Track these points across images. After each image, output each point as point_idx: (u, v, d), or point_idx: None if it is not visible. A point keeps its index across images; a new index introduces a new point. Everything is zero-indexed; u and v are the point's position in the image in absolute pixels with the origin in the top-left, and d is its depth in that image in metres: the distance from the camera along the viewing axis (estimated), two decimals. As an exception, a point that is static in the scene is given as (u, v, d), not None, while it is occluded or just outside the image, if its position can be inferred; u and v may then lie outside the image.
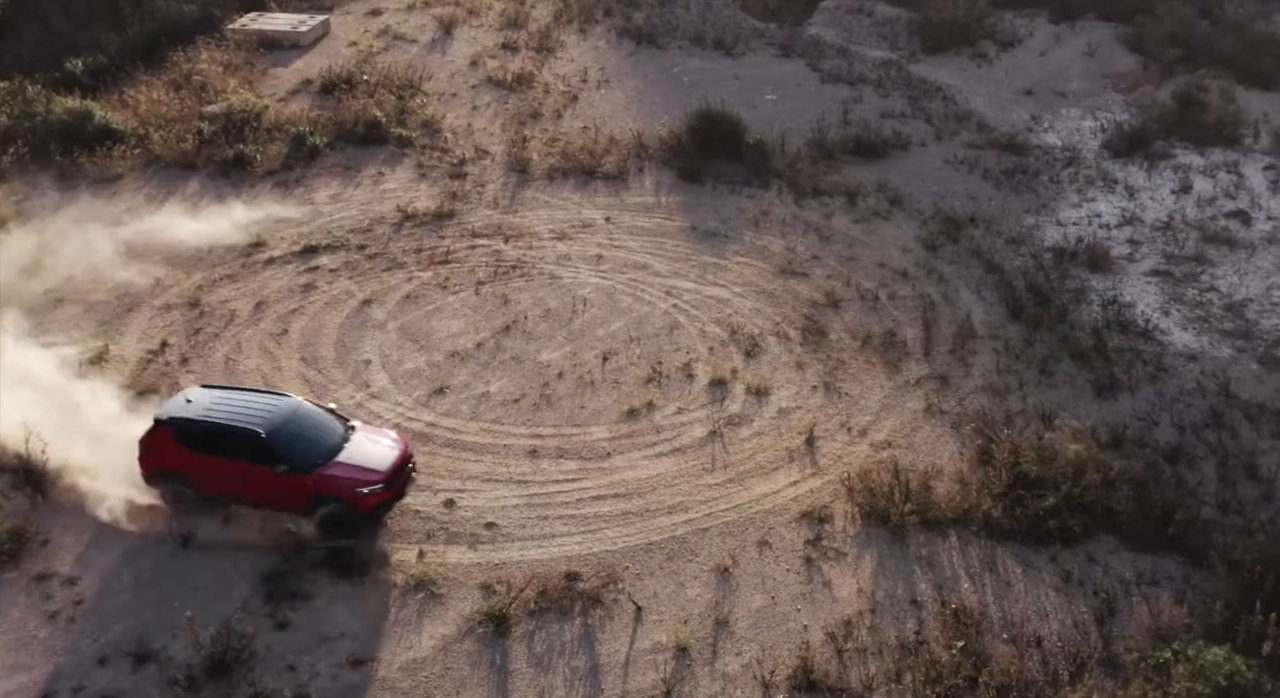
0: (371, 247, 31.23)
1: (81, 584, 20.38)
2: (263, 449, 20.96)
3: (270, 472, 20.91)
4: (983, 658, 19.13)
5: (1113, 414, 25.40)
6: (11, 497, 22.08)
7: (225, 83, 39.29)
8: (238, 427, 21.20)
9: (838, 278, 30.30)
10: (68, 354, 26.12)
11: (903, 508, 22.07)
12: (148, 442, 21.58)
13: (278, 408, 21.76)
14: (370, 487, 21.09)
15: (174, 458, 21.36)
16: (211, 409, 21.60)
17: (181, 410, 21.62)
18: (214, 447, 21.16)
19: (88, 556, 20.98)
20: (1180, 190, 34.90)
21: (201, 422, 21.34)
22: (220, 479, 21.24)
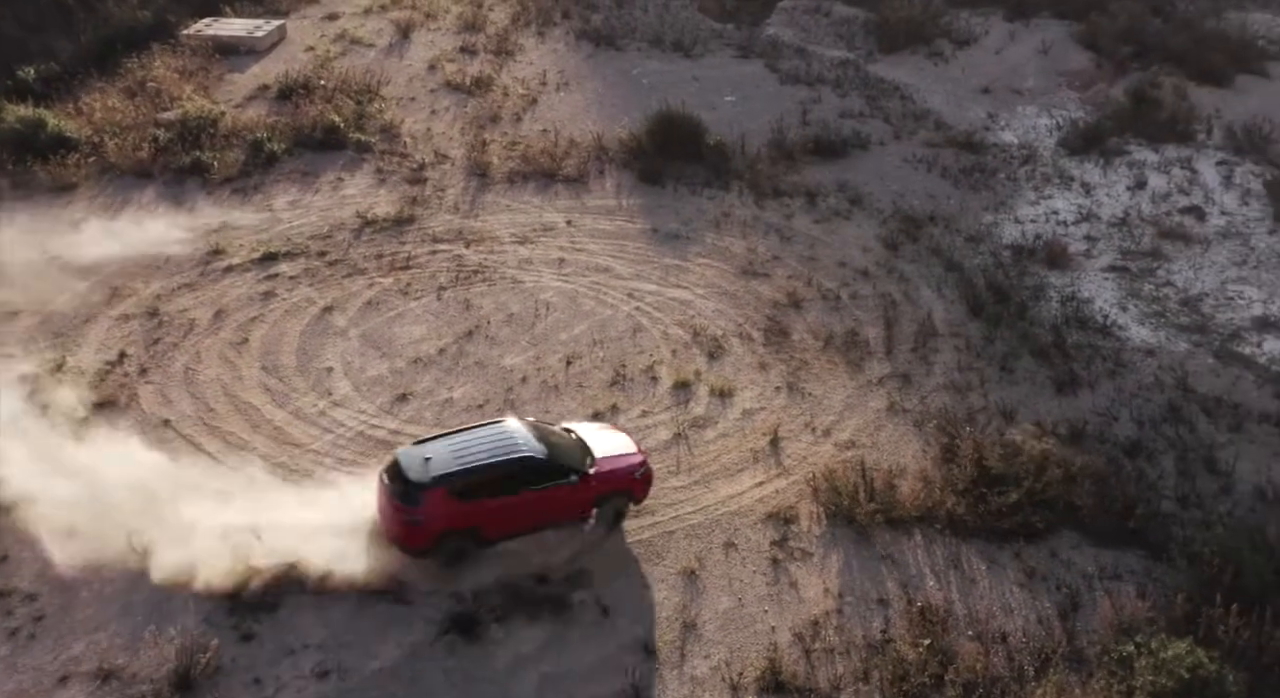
0: (332, 253, 31.04)
1: (42, 600, 20.14)
2: (548, 469, 20.75)
3: (560, 489, 20.78)
4: (949, 655, 19.28)
5: (1073, 410, 25.64)
6: (-33, 513, 21.78)
7: (181, 89, 38.93)
8: (512, 459, 20.70)
9: (799, 278, 30.41)
10: (24, 369, 25.83)
11: (868, 507, 22.18)
12: (421, 510, 20.23)
13: (518, 430, 21.33)
14: (639, 470, 21.72)
15: (462, 515, 20.41)
16: (462, 456, 20.72)
17: (443, 467, 20.47)
18: (496, 489, 20.52)
19: (47, 572, 20.72)
20: (1135, 187, 35.26)
21: (474, 469, 20.53)
22: (506, 519, 20.64)
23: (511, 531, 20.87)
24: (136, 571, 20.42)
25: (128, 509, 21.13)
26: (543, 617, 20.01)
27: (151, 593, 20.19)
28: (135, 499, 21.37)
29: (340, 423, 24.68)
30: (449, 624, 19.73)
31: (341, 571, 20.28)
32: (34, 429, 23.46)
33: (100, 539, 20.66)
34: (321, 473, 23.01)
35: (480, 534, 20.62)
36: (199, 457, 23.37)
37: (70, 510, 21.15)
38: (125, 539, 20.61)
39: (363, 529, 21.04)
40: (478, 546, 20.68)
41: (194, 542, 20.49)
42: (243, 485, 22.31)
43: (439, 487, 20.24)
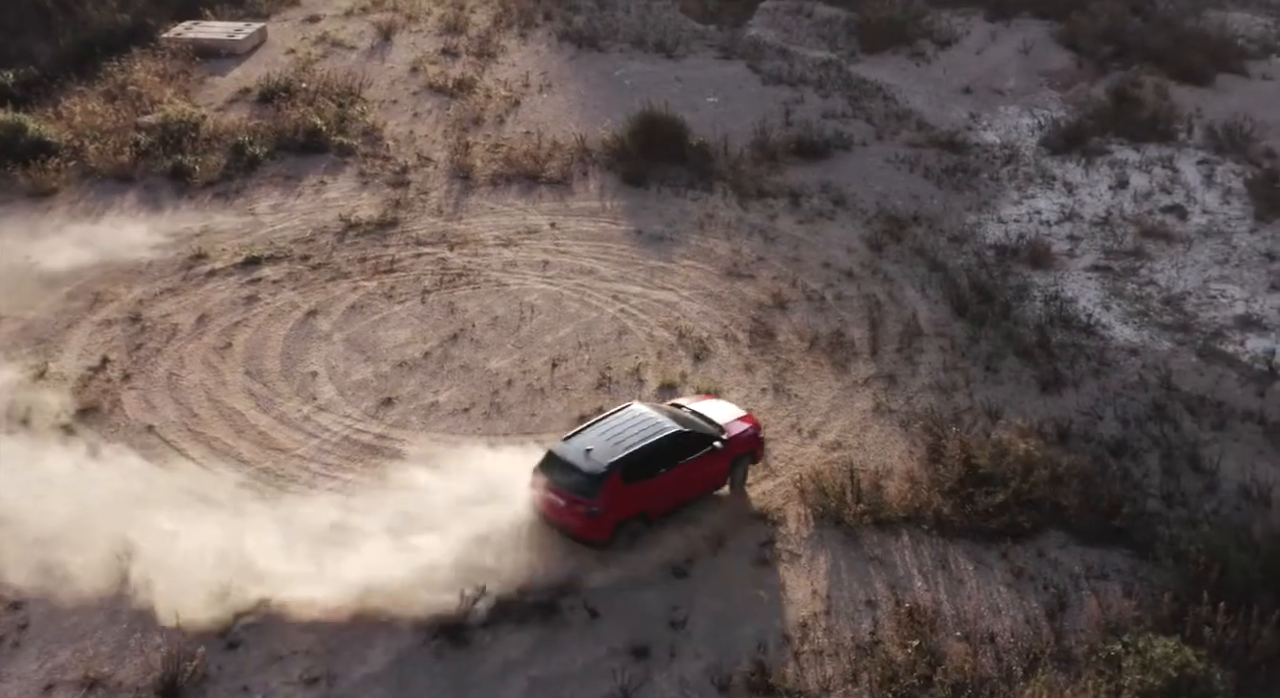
0: (315, 257, 30.93)
1: (26, 609, 20.00)
2: (695, 440, 21.77)
3: (705, 459, 21.77)
4: (937, 656, 19.29)
5: (1058, 409, 25.71)
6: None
7: (162, 93, 38.74)
8: (665, 436, 21.46)
9: (784, 279, 30.42)
10: (6, 376, 25.67)
11: (855, 508, 22.19)
12: (599, 500, 20.52)
13: (651, 411, 22.32)
14: (758, 431, 23.01)
15: (633, 499, 20.97)
16: (620, 442, 21.23)
17: (610, 455, 20.91)
18: (655, 468, 21.18)
19: (33, 578, 20.54)
20: (1117, 186, 35.40)
21: (638, 452, 21.09)
22: (666, 496, 21.54)
23: (671, 506, 21.72)
24: (122, 580, 20.26)
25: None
26: (531, 621, 19.95)
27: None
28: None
29: (325, 428, 24.59)
30: (437, 630, 19.64)
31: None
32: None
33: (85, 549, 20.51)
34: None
35: (648, 516, 21.38)
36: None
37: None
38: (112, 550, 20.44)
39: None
40: (646, 526, 21.39)
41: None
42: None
43: (613, 473, 20.73)
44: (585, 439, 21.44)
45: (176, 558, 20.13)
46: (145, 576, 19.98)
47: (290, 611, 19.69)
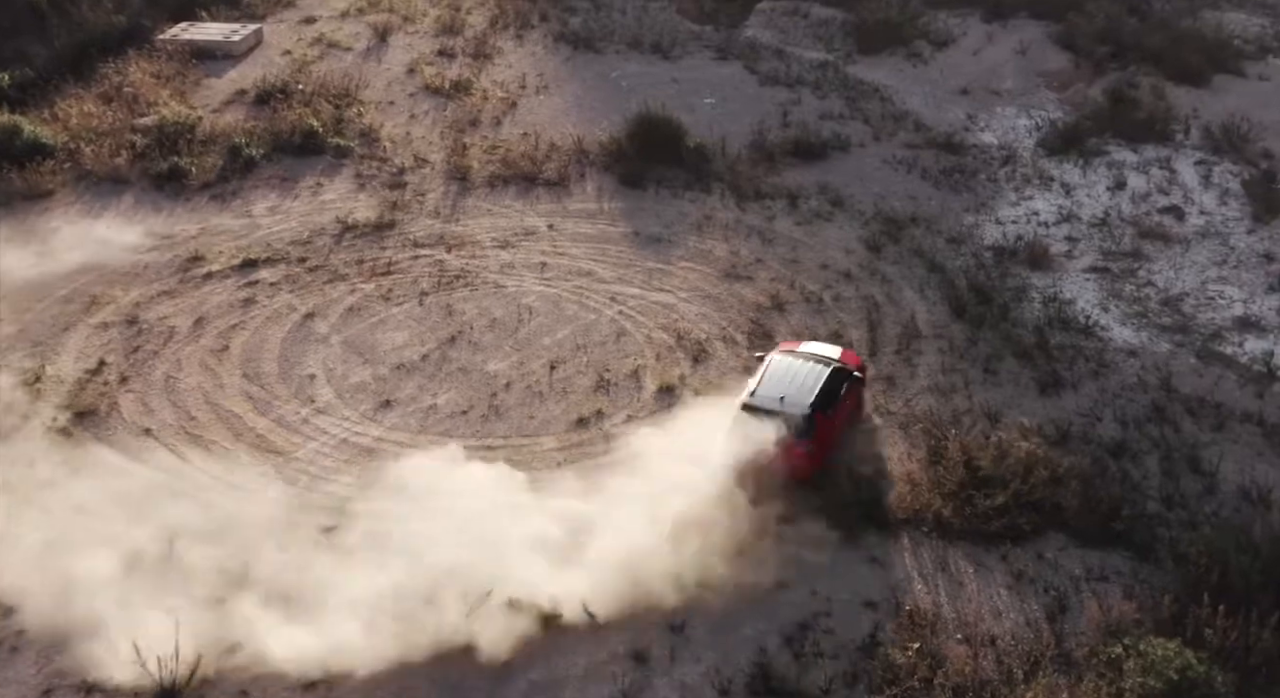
0: (312, 259, 30.86)
1: (22, 613, 19.92)
2: (844, 375, 24.09)
3: (853, 390, 24.26)
4: (938, 659, 19.25)
5: (1057, 411, 25.70)
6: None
7: (158, 94, 38.66)
8: (832, 372, 23.87)
9: (782, 281, 30.39)
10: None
11: (855, 510, 22.14)
12: (812, 439, 22.49)
13: (797, 356, 24.44)
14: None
15: (829, 434, 23.22)
16: (799, 385, 23.33)
17: (806, 395, 23.00)
18: (832, 403, 23.35)
19: (28, 585, 20.49)
20: (1115, 187, 35.37)
21: (823, 390, 23.29)
22: (842, 428, 23.86)
23: (840, 438, 23.66)
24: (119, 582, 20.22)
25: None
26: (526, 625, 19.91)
27: (133, 604, 19.97)
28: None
29: (323, 430, 24.55)
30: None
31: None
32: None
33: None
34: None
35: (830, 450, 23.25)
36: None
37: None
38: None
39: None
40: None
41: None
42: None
43: (816, 411, 22.70)
44: (767, 391, 23.18)
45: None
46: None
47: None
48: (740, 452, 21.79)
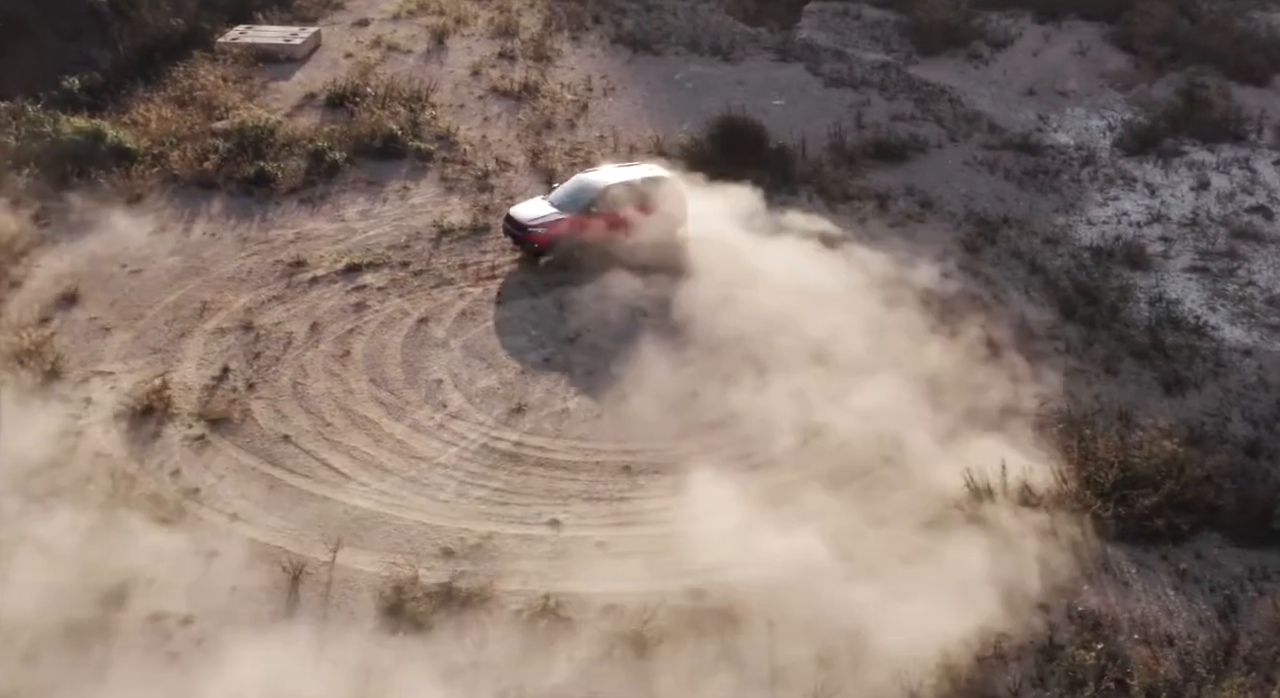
0: (414, 263, 30.71)
1: (200, 623, 19.74)
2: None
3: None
4: (1122, 660, 19.30)
5: (1184, 411, 25.86)
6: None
7: (230, 98, 38.39)
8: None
9: (885, 285, 30.26)
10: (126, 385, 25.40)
11: (1013, 512, 22.18)
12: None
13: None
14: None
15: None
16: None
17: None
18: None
19: (197, 591, 20.33)
20: (1199, 187, 35.63)
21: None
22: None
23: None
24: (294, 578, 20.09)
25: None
26: (709, 630, 19.89)
27: (318, 609, 19.87)
28: None
29: (462, 436, 24.40)
30: (616, 640, 19.55)
31: None
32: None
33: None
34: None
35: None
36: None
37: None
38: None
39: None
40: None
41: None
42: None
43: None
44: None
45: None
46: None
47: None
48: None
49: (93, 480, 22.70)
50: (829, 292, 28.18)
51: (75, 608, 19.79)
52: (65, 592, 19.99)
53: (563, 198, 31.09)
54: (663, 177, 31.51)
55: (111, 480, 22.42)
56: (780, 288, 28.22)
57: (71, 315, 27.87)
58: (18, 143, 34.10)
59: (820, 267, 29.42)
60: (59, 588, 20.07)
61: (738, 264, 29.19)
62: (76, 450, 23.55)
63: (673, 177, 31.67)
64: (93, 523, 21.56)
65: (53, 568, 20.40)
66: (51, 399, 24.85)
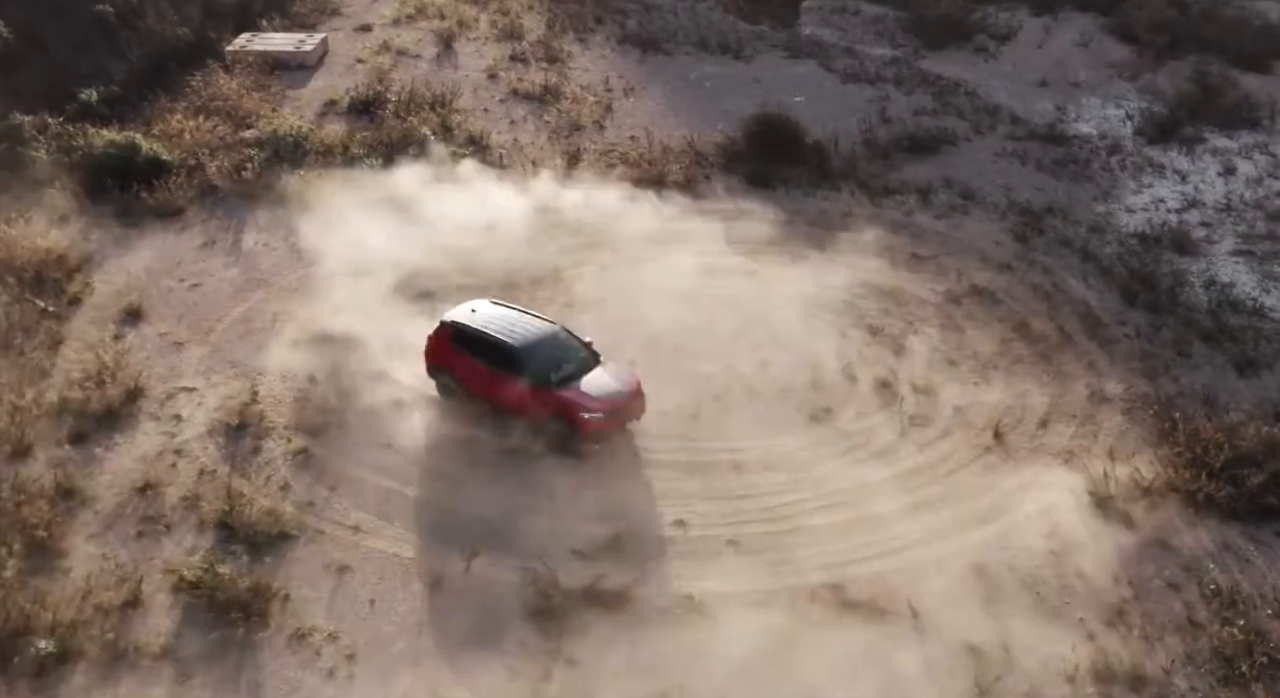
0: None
1: (346, 638, 19.47)
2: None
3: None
4: (1263, 635, 19.72)
5: (1262, 391, 26.44)
6: (235, 552, 20.95)
7: (254, 107, 37.81)
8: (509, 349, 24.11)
9: (947, 275, 30.73)
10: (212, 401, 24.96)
11: (1128, 495, 22.58)
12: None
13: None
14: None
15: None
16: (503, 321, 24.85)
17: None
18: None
19: (337, 606, 20.06)
20: (1226, 173, 36.41)
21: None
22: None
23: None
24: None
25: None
26: (854, 622, 20.04)
27: (455, 620, 19.69)
28: None
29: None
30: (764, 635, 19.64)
31: None
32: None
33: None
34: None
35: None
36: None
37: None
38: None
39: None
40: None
41: None
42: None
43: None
44: (493, 310, 25.15)
45: None
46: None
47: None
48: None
49: (203, 499, 22.25)
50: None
51: (214, 629, 19.43)
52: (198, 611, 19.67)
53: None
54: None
55: (226, 497, 21.96)
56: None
57: (141, 331, 27.30)
58: (49, 157, 33.31)
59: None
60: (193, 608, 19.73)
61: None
62: (178, 469, 23.07)
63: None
64: (212, 543, 21.22)
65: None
66: (141, 417, 24.36)
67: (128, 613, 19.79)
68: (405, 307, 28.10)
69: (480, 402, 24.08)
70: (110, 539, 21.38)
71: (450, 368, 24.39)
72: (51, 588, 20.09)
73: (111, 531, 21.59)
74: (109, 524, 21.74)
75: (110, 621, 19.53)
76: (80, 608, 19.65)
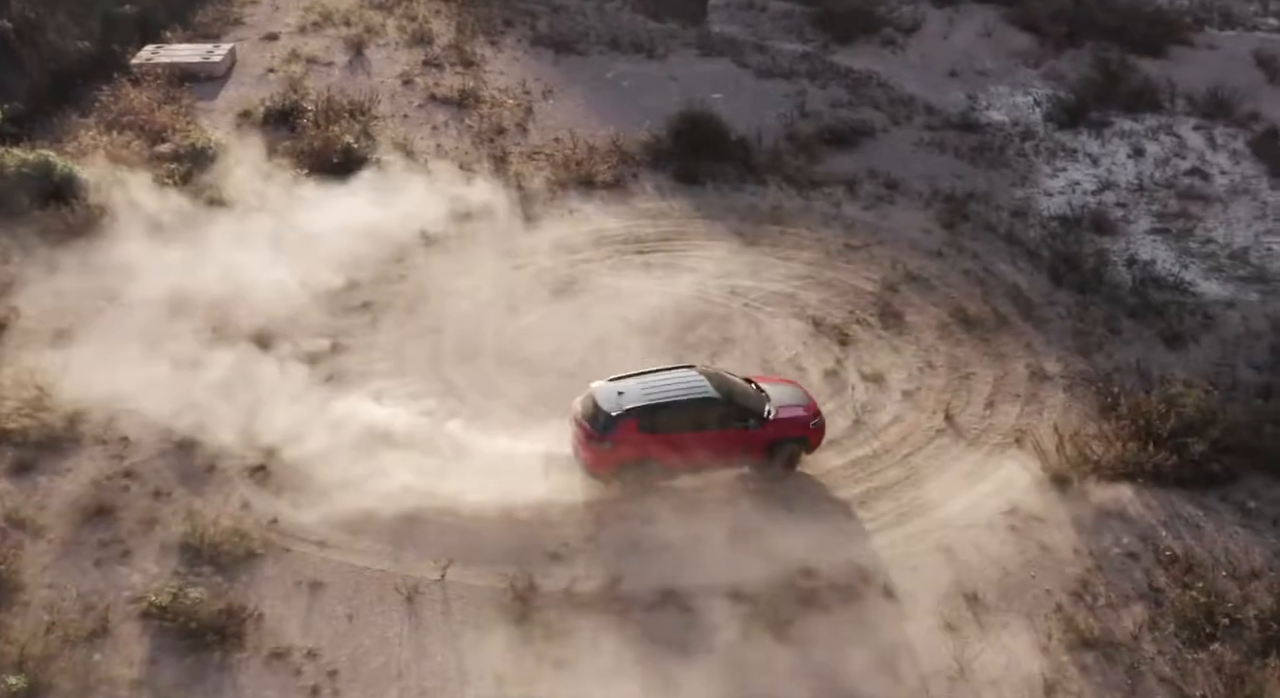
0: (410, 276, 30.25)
1: (326, 654, 19.19)
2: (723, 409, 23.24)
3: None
4: (1222, 597, 20.45)
5: (1191, 362, 27.40)
6: (203, 574, 20.52)
7: (172, 120, 36.97)
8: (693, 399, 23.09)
9: (881, 263, 31.27)
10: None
11: (1081, 469, 23.24)
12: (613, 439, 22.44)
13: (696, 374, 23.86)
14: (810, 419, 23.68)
15: (641, 449, 22.83)
16: (658, 391, 23.24)
17: (633, 401, 22.78)
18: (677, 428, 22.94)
19: (313, 623, 19.76)
20: (1135, 154, 37.64)
21: (677, 410, 23.04)
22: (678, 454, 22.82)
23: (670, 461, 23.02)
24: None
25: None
26: (829, 605, 20.33)
27: (437, 632, 19.53)
28: None
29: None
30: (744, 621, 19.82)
31: None
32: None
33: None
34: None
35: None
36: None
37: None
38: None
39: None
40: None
41: None
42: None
43: (626, 418, 22.53)
44: (629, 384, 23.12)
45: None
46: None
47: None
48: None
49: (160, 522, 21.74)
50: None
51: (188, 654, 19.03)
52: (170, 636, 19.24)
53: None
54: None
55: (187, 518, 21.49)
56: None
57: (73, 354, 26.46)
58: (-44, 179, 32.21)
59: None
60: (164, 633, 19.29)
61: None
62: (131, 492, 22.51)
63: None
64: (176, 566, 20.77)
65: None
66: (86, 442, 23.70)
67: (96, 643, 19.24)
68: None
69: (680, 473, 22.89)
70: (68, 569, 20.77)
71: (648, 455, 22.48)
72: (13, 623, 19.47)
73: (68, 560, 20.98)
74: (65, 554, 21.12)
75: (79, 652, 18.98)
76: (47, 641, 19.06)
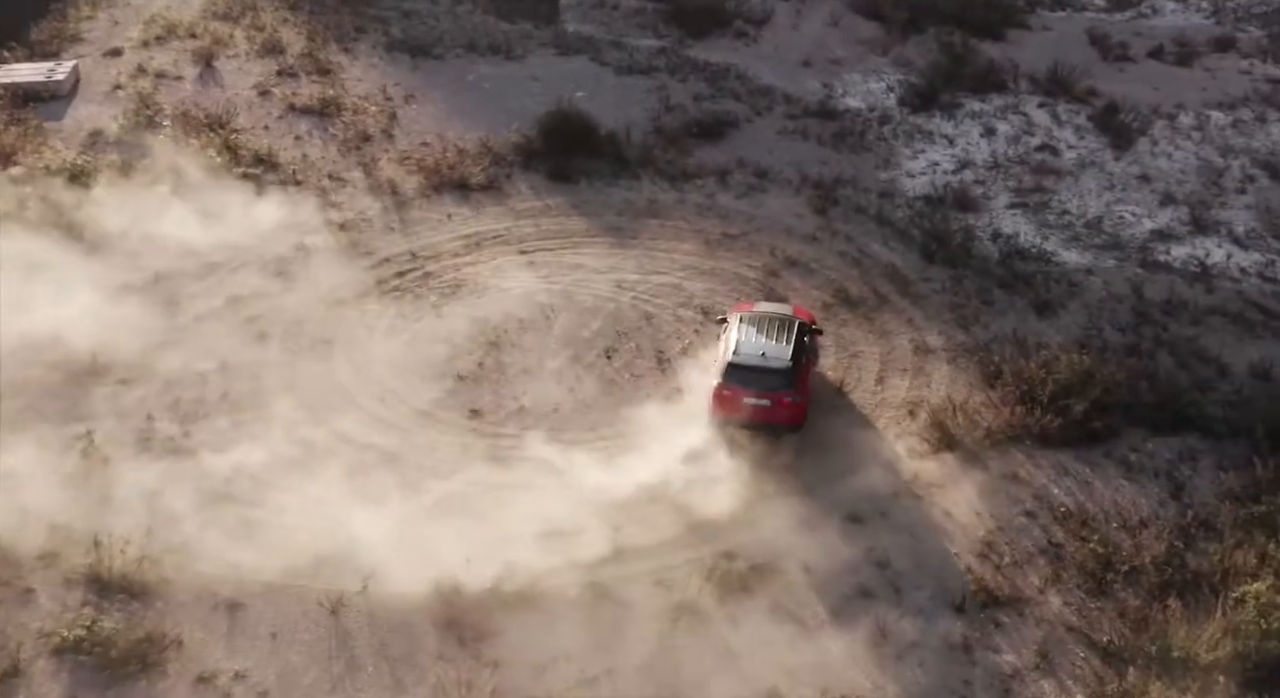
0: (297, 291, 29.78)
1: (254, 674, 18.88)
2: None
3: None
4: (1117, 546, 21.61)
5: (1061, 328, 28.76)
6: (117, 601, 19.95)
7: (19, 142, 35.59)
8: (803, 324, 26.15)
9: (759, 250, 31.96)
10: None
11: (974, 435, 24.23)
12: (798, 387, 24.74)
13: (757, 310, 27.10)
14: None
15: (808, 382, 25.84)
16: (775, 337, 25.57)
17: (783, 351, 25.19)
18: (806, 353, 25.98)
19: (236, 644, 19.41)
20: (987, 134, 39.12)
21: (800, 341, 25.73)
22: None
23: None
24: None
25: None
26: (750, 588, 20.83)
27: (372, 645, 19.38)
28: None
29: (433, 447, 24.16)
30: (675, 610, 20.18)
31: None
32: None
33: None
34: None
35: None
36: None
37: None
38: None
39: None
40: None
41: None
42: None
43: (795, 362, 24.92)
44: (750, 348, 24.76)
45: None
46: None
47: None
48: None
49: (61, 555, 21.05)
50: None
51: (108, 687, 18.51)
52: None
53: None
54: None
55: (95, 552, 20.84)
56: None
57: None
58: None
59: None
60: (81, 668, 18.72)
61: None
62: (27, 527, 21.69)
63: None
64: (84, 598, 20.14)
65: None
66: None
67: (9, 685, 18.55)
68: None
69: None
70: (-32, 612, 19.98)
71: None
72: (-84, 670, 18.67)
73: (-34, 603, 20.17)
74: (-39, 597, 20.30)
75: (-8, 695, 18.33)
76: (-44, 687, 18.35)
